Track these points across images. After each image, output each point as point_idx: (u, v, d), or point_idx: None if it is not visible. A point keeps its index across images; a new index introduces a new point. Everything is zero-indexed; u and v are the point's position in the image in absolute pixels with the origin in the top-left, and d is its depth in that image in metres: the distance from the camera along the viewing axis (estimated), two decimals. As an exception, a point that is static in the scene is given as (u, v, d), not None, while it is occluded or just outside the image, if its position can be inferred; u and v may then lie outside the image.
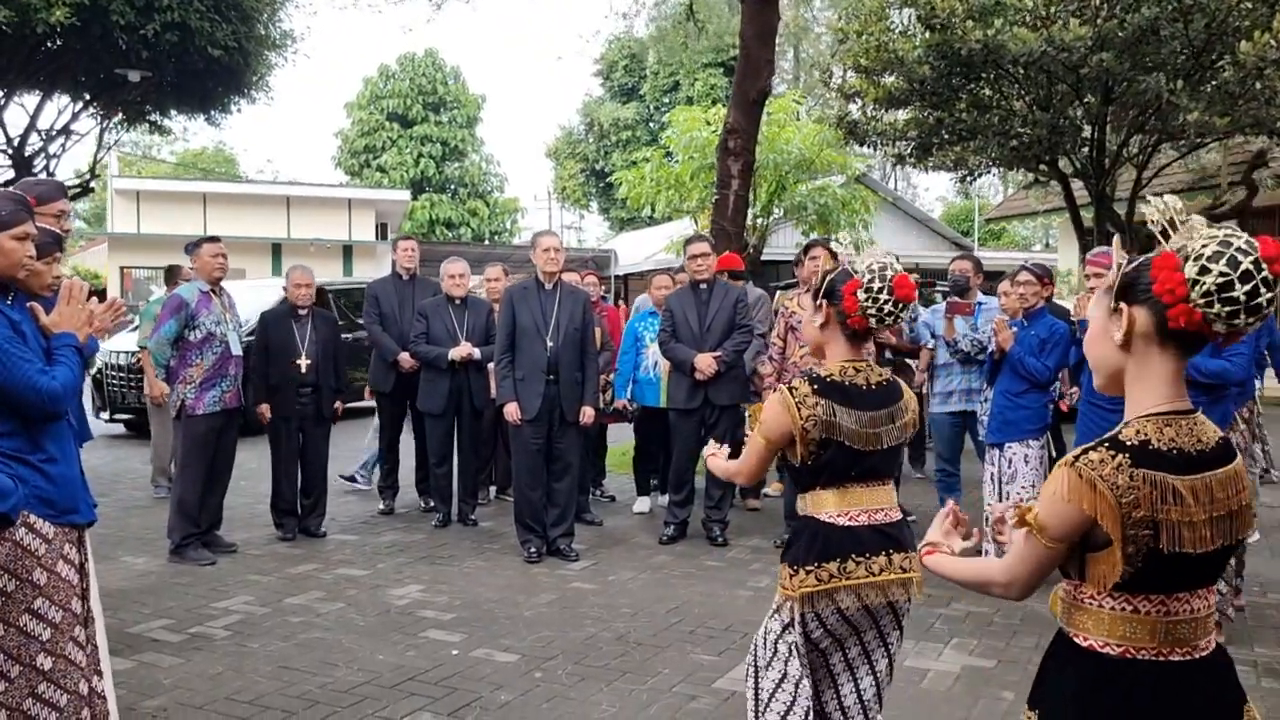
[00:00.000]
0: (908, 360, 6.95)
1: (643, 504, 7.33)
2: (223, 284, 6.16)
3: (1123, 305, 1.68)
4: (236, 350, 6.04)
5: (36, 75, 13.77)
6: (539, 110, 78.27)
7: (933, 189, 47.29)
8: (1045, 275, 5.52)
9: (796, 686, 2.58)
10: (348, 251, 24.37)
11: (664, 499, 7.27)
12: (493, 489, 7.68)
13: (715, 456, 2.87)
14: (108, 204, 26.43)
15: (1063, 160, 10.63)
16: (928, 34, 9.25)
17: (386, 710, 3.72)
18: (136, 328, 8.71)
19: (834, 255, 6.44)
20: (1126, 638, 1.70)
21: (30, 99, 14.66)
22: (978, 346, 5.83)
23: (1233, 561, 4.28)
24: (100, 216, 32.53)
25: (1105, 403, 4.76)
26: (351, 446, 9.73)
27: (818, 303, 2.67)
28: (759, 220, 14.52)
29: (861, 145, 11.37)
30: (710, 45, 22.01)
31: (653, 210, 16.27)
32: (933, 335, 6.65)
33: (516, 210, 41.06)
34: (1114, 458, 1.65)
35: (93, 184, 16.35)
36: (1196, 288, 1.58)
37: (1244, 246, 1.58)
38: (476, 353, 6.69)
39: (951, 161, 10.69)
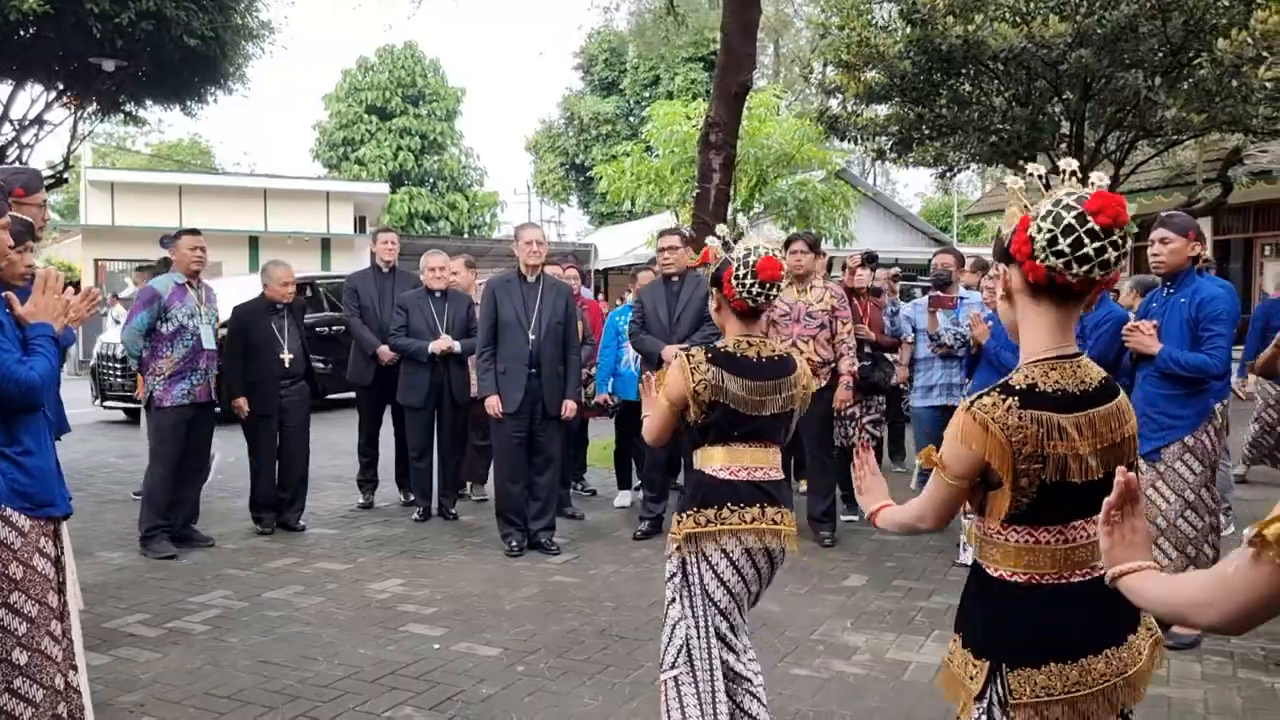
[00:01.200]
0: (887, 354, 6.96)
1: (624, 498, 7.32)
2: (201, 278, 6.10)
3: (1001, 266, 1.96)
4: (209, 344, 5.98)
5: (8, 64, 13.55)
6: (519, 104, 78.02)
7: (912, 185, 47.62)
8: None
9: (676, 626, 2.95)
10: (326, 244, 24.19)
11: (621, 496, 7.29)
12: (467, 484, 7.61)
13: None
14: (81, 196, 26.13)
15: (1041, 156, 10.70)
16: (909, 29, 9.28)
17: (367, 704, 3.70)
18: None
19: (818, 250, 6.46)
20: (1031, 566, 1.90)
21: (2, 88, 14.45)
22: (960, 340, 5.86)
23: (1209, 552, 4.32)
24: (73, 208, 32.18)
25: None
26: (330, 440, 9.68)
27: (710, 290, 3.06)
28: (739, 215, 14.54)
29: (842, 140, 11.42)
30: (690, 40, 21.99)
31: (633, 204, 16.29)
32: (914, 329, 6.68)
33: (496, 204, 40.90)
34: (1004, 401, 1.86)
35: (66, 175, 16.14)
36: (1035, 244, 1.82)
37: (1070, 203, 1.80)
38: (457, 346, 6.65)
39: (931, 157, 10.76)
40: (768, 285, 2.91)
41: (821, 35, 11.00)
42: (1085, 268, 1.79)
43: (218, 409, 6.22)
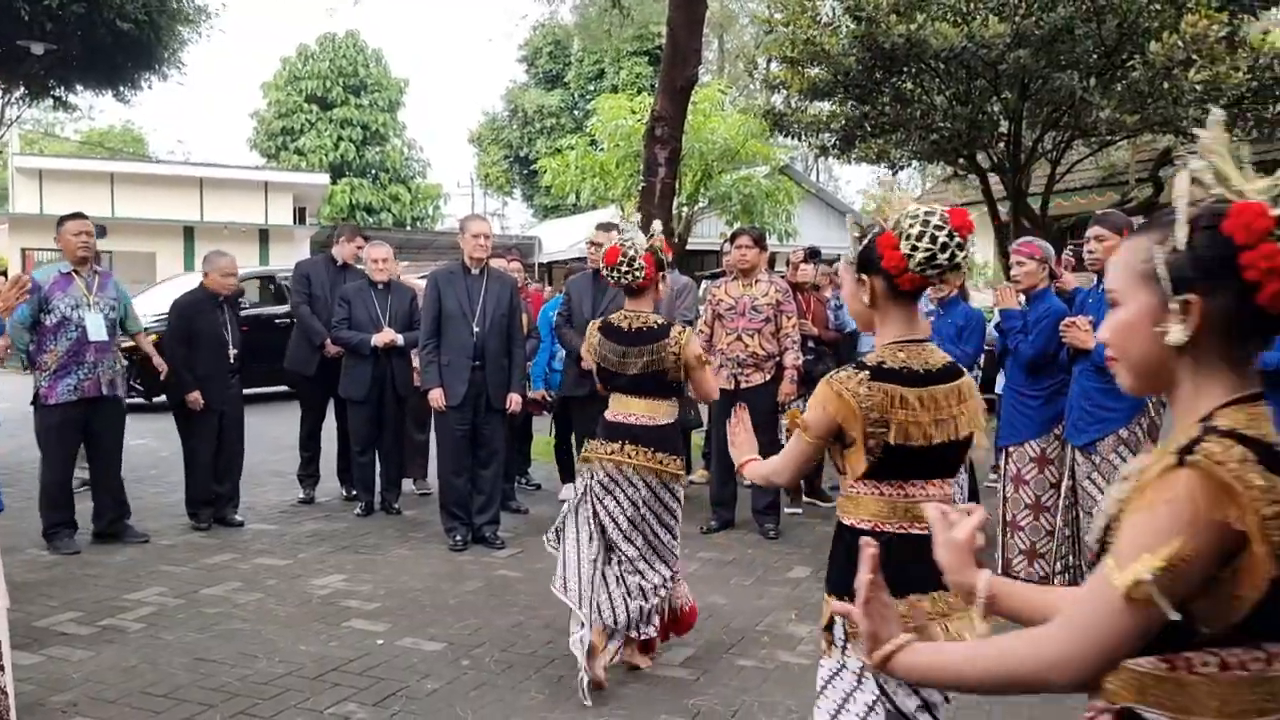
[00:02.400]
0: (825, 348, 6.99)
1: (568, 491, 7.28)
2: (96, 269, 5.87)
3: (864, 276, 2.27)
4: (98, 335, 5.66)
5: (-69, 46, 13.10)
6: (462, 96, 77.27)
7: (854, 181, 48.28)
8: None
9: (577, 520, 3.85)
10: (264, 235, 23.76)
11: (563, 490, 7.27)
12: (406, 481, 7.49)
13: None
14: (9, 183, 25.32)
15: (981, 155, 10.88)
16: (853, 26, 9.36)
17: (309, 702, 3.64)
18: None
19: (764, 246, 6.49)
20: (876, 515, 2.27)
21: (-76, 70, 13.96)
22: None
23: None
24: (1, 196, 31.18)
25: (1027, 389, 4.90)
26: (268, 434, 9.51)
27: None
28: (684, 209, 14.58)
29: (786, 136, 11.47)
30: (635, 33, 21.99)
31: (578, 198, 16.25)
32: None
33: (439, 196, 40.47)
34: (857, 374, 2.23)
35: (-8, 161, 15.64)
36: (912, 260, 2.17)
37: (939, 223, 2.17)
38: (400, 339, 6.58)
39: (874, 154, 10.87)
40: (627, 264, 3.83)
41: (766, 31, 11.03)
42: (952, 272, 2.25)
43: (154, 397, 6.06)
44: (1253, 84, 8.80)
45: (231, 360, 6.25)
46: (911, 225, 2.18)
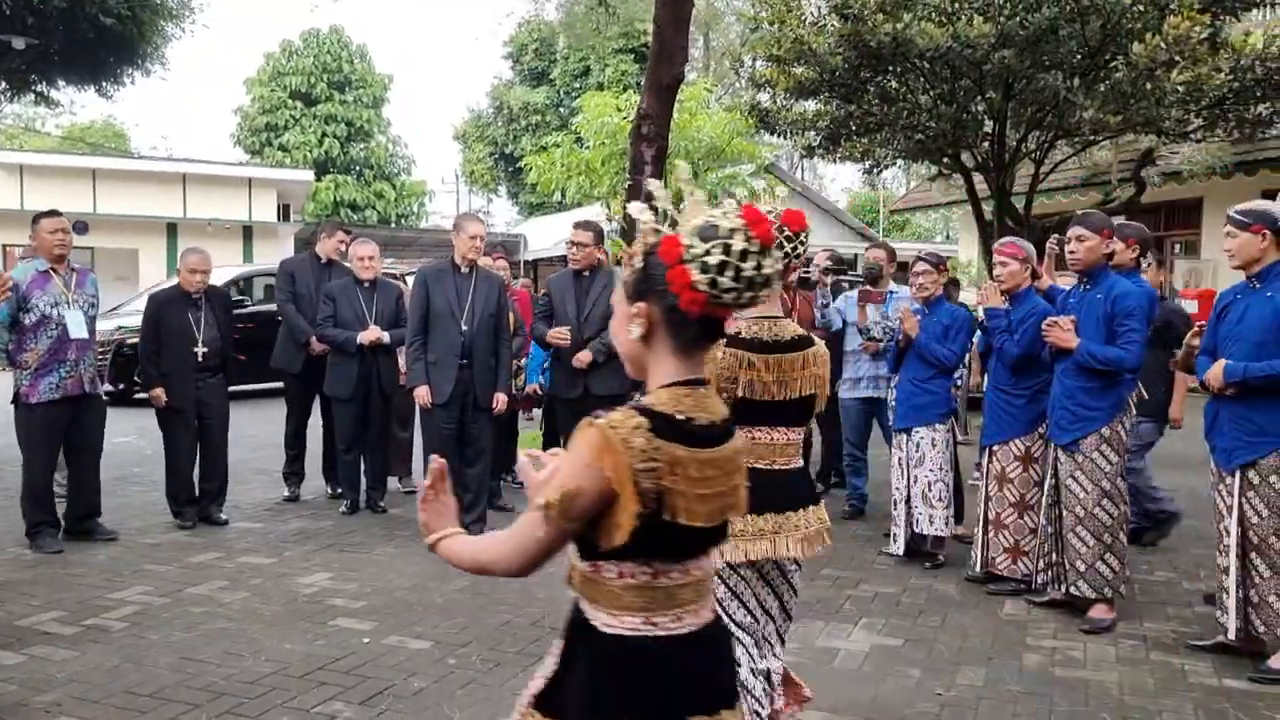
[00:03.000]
0: None
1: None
2: (74, 267, 5.85)
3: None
4: (78, 333, 5.66)
5: (-90, 40, 12.96)
6: (447, 92, 77.00)
7: (839, 180, 48.34)
8: (941, 263, 5.68)
9: None
10: (248, 232, 23.63)
11: None
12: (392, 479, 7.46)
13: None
14: (-12, 178, 25.07)
15: (965, 154, 10.92)
16: (839, 24, 9.38)
17: (295, 700, 3.63)
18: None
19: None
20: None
21: (-97, 65, 13.81)
22: (889, 333, 5.96)
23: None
24: (-21, 191, 30.87)
25: (1011, 389, 4.93)
26: (252, 432, 9.48)
27: None
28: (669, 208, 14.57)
29: (772, 135, 11.49)
30: (621, 31, 21.97)
31: (563, 196, 16.23)
32: (844, 321, 6.78)
33: (424, 193, 40.33)
34: (720, 343, 2.32)
35: (-28, 157, 15.49)
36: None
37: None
38: (386, 337, 6.56)
39: (859, 153, 10.89)
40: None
41: (752, 29, 11.06)
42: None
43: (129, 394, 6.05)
44: (1234, 85, 8.87)
45: (200, 358, 6.20)
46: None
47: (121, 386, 12.06)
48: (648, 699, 1.72)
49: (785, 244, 2.82)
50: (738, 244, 1.67)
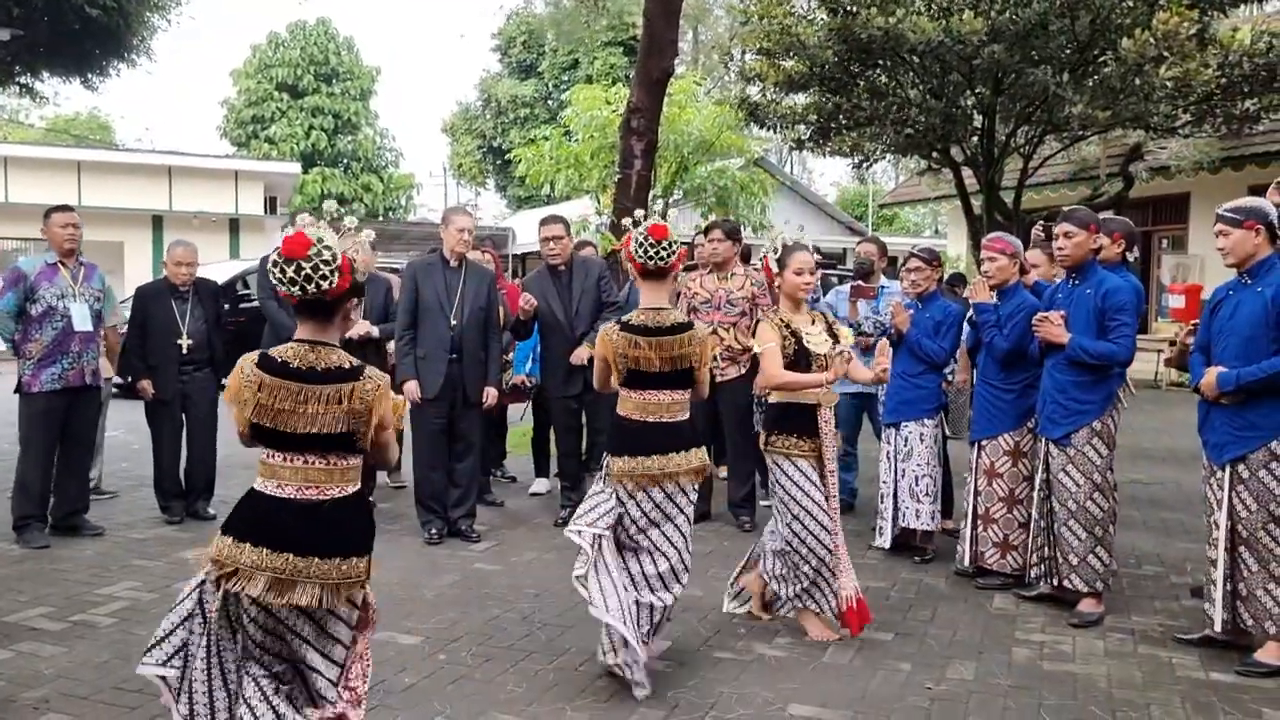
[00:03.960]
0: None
1: (540, 485, 7.28)
2: (81, 261, 5.88)
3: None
4: (83, 325, 5.72)
5: (-108, 30, 12.82)
6: (435, 85, 76.70)
7: (828, 174, 48.38)
8: (934, 259, 5.68)
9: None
10: (234, 225, 23.49)
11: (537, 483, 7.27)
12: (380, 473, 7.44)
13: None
14: (-28, 170, 24.84)
15: (954, 149, 10.95)
16: (829, 18, 9.38)
17: (285, 696, 3.61)
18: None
19: (737, 238, 6.50)
20: (635, 410, 3.82)
21: (-115, 55, 13.65)
22: (880, 328, 5.96)
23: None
24: (-37, 183, 30.56)
25: (1001, 383, 4.94)
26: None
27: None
28: (659, 201, 14.55)
29: (761, 128, 11.49)
30: (610, 24, 21.92)
31: (552, 189, 16.15)
32: (835, 316, 6.77)
33: (412, 186, 40.23)
34: (615, 327, 3.81)
35: (-46, 148, 15.34)
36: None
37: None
38: (374, 330, 6.52)
39: (849, 147, 10.90)
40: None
41: (742, 23, 11.03)
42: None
43: (116, 388, 6.04)
44: (1222, 81, 8.92)
45: (185, 350, 6.18)
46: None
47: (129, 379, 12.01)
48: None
49: (652, 250, 3.78)
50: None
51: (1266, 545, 3.90)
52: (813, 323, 4.30)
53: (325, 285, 2.60)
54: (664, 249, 3.76)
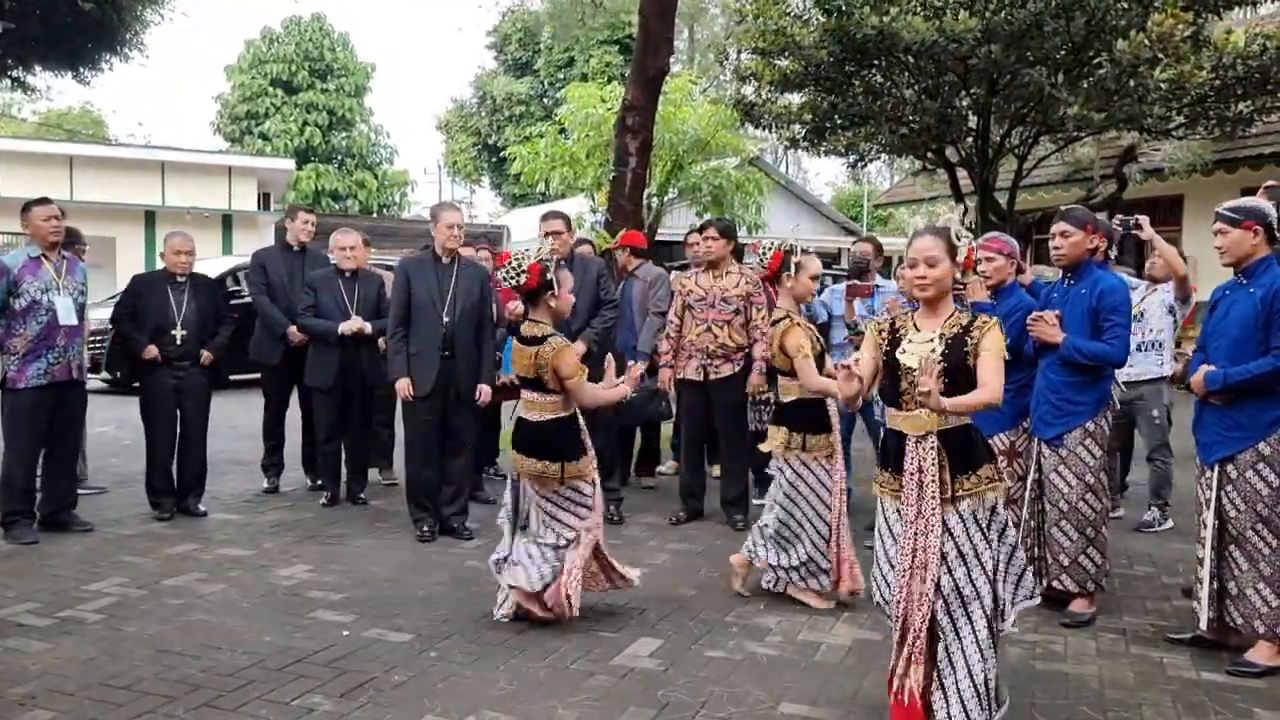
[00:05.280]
0: None
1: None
2: (64, 254, 5.83)
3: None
4: (68, 319, 5.66)
5: (-116, 23, 12.74)
6: (430, 82, 76.58)
7: (823, 174, 48.45)
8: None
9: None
10: (227, 221, 23.43)
11: None
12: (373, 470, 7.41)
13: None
14: (-37, 164, 24.75)
15: (949, 149, 10.96)
16: (824, 18, 9.38)
17: (274, 693, 3.60)
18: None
19: (731, 237, 6.47)
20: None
21: (-124, 48, 13.58)
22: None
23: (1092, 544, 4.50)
24: (-45, 177, 30.44)
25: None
26: (232, 422, 9.40)
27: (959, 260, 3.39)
28: (654, 200, 14.55)
29: (756, 128, 11.49)
30: (607, 22, 21.90)
31: (547, 186, 16.16)
32: (829, 315, 6.77)
33: (406, 183, 40.18)
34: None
35: (-53, 142, 15.26)
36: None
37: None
38: (368, 327, 6.51)
39: (844, 146, 10.92)
40: None
41: (737, 22, 11.03)
42: None
43: (109, 380, 6.00)
44: (1216, 83, 8.93)
45: (179, 343, 6.15)
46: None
47: (119, 375, 11.98)
48: None
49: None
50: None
51: (1255, 545, 3.90)
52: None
53: (519, 281, 4.27)
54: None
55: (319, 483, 6.90)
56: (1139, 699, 3.67)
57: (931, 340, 3.27)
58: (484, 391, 5.89)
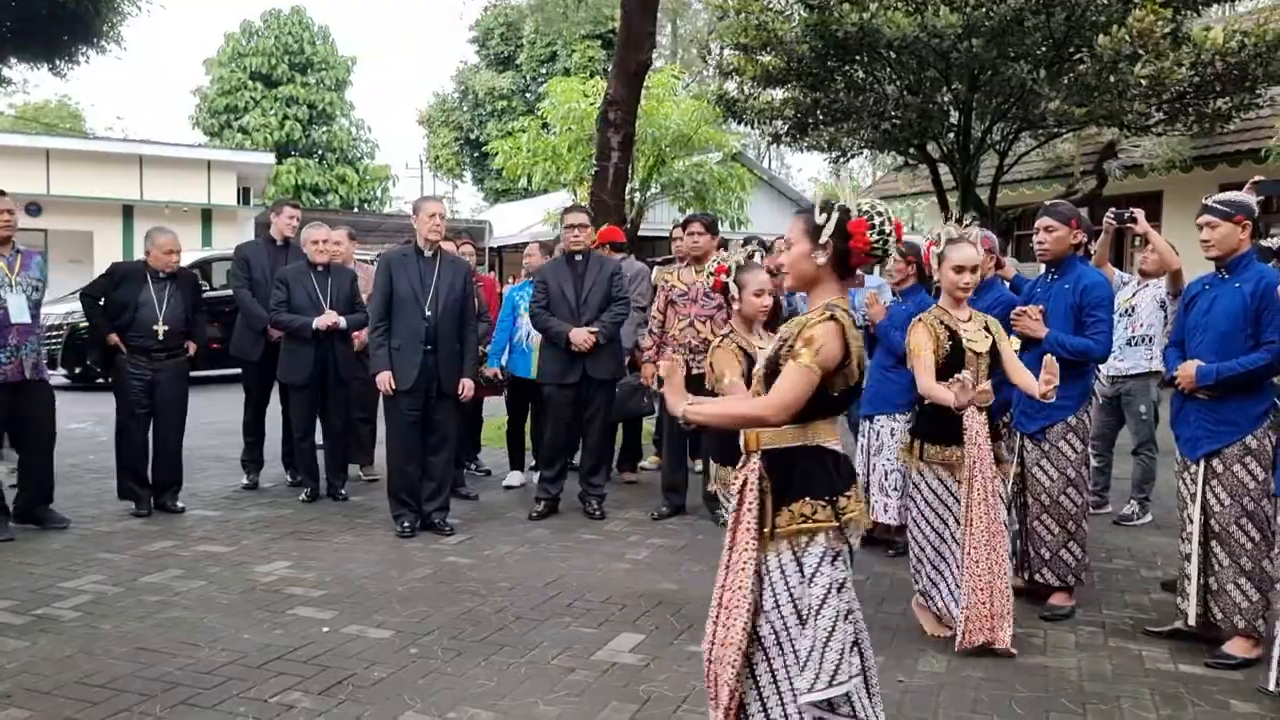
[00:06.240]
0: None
1: (514, 478, 7.25)
2: (19, 248, 5.68)
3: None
4: (20, 316, 5.48)
5: None
6: (411, 76, 76.22)
7: (805, 169, 48.51)
8: (913, 253, 5.68)
9: (849, 615, 2.64)
10: (207, 215, 23.22)
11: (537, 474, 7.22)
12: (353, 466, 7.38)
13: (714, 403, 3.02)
14: (-62, 157, 24.46)
15: (931, 145, 10.97)
16: (806, 14, 9.37)
17: (253, 691, 3.57)
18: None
19: (716, 232, 6.48)
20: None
21: None
22: (864, 322, 5.96)
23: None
24: (-71, 171, 30.05)
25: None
26: (209, 418, 9.33)
27: (825, 242, 2.61)
28: (636, 195, 14.52)
29: (739, 123, 11.48)
30: (589, 17, 21.84)
31: (529, 181, 16.10)
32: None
33: (387, 178, 39.88)
34: None
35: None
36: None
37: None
38: (342, 321, 6.47)
39: (826, 142, 10.92)
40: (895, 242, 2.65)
41: (719, 17, 11.01)
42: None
43: (69, 376, 5.91)
44: (1195, 79, 8.98)
45: (160, 338, 6.09)
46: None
47: (78, 370, 11.88)
48: None
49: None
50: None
51: (1238, 540, 3.93)
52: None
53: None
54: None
55: (298, 479, 6.86)
56: (1118, 691, 3.69)
57: (982, 330, 4.11)
58: (466, 386, 5.86)
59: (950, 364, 4.06)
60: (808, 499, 2.56)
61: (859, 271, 6.24)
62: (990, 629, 3.96)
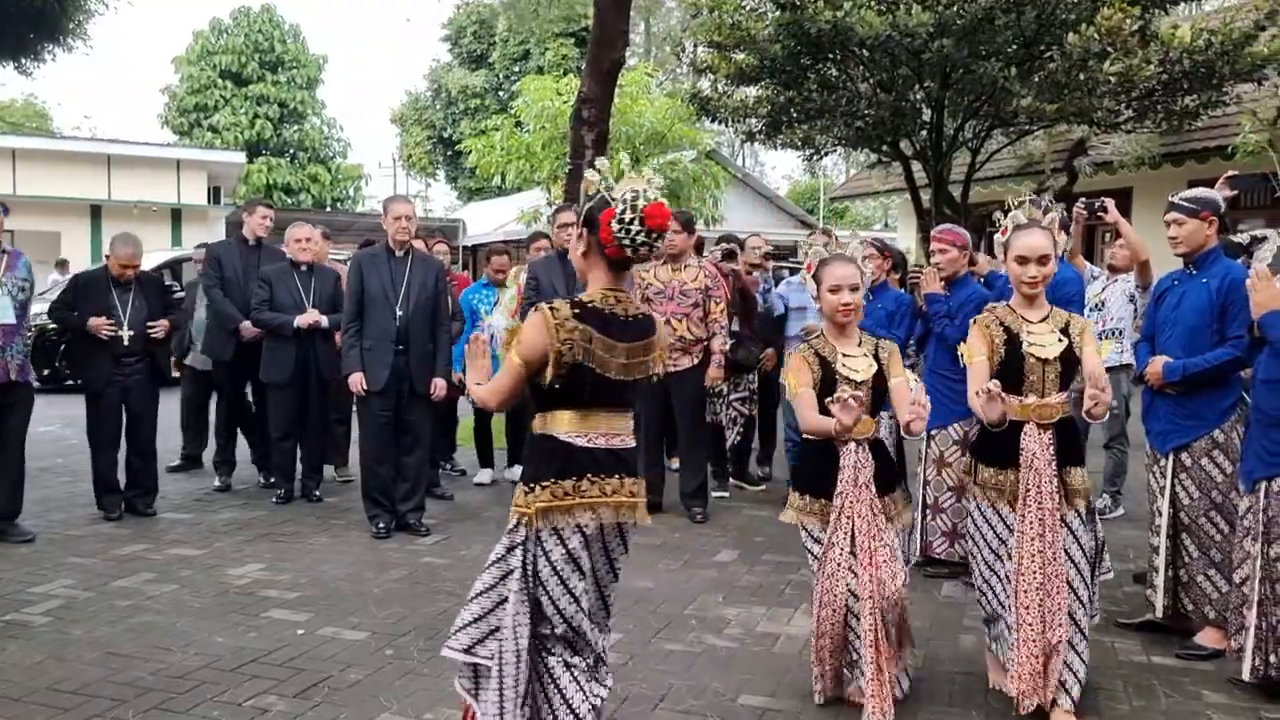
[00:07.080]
0: (749, 332, 7.00)
1: (484, 475, 7.23)
2: (5, 249, 5.59)
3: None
4: (6, 318, 5.39)
5: None
6: (384, 75, 75.75)
7: (779, 167, 48.65)
8: (886, 249, 5.72)
9: (503, 604, 2.68)
10: (176, 215, 22.98)
11: (509, 471, 7.20)
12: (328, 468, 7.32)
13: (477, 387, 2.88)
14: (-100, 157, 24.04)
15: (904, 142, 11.02)
16: (779, 12, 9.39)
17: (227, 694, 3.53)
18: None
19: (691, 230, 6.49)
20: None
21: None
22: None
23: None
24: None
25: (951, 373, 4.96)
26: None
27: (579, 232, 2.70)
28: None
29: (713, 121, 11.49)
30: (562, 14, 21.80)
31: (503, 180, 16.03)
32: (786, 307, 6.80)
33: (360, 177, 39.61)
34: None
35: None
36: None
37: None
38: (324, 320, 6.42)
39: (800, 140, 10.94)
40: (653, 235, 2.59)
41: (693, 15, 11.00)
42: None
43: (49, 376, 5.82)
44: (1163, 77, 9.07)
45: (125, 343, 6.01)
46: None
47: (46, 373, 11.74)
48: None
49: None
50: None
51: (1208, 532, 3.97)
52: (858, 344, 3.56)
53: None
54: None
55: (271, 480, 6.80)
56: (1092, 683, 3.71)
57: (1055, 333, 3.44)
58: (439, 386, 5.83)
59: (1006, 372, 3.42)
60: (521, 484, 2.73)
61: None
62: (1043, 689, 3.35)
